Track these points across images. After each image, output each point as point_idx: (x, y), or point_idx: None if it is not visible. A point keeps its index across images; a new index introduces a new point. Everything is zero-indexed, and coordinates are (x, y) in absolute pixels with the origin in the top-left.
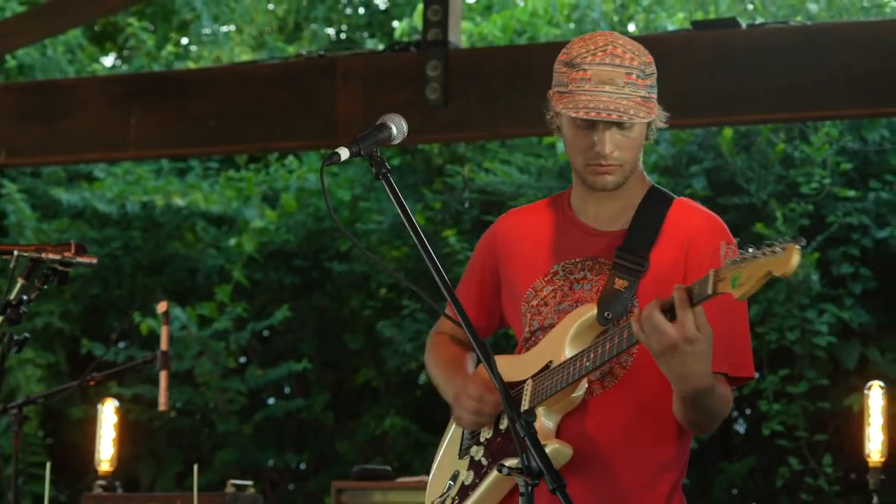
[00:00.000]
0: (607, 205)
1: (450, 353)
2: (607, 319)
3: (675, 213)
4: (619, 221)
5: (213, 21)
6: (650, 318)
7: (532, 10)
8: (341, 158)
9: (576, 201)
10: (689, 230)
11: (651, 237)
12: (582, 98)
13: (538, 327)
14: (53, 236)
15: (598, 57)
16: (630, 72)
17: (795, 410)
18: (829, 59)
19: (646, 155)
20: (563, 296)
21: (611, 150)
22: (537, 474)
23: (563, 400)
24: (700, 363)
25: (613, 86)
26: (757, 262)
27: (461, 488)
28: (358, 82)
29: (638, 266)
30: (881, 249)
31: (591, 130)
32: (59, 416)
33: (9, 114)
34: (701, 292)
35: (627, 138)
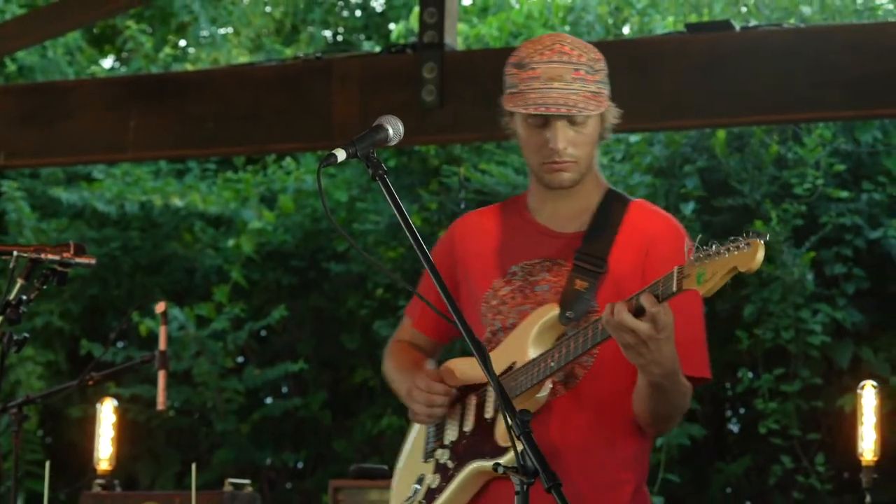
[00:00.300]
0: (564, 206)
1: (408, 358)
2: (569, 319)
3: (632, 216)
4: (576, 223)
5: (210, 23)
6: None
7: (528, 12)
8: (338, 160)
9: (533, 202)
10: (647, 233)
11: (610, 239)
12: (532, 96)
13: (500, 327)
14: (53, 236)
15: (546, 55)
16: (578, 68)
17: (789, 409)
18: (822, 61)
19: (640, 156)
20: (524, 297)
21: (564, 145)
22: (532, 473)
23: (529, 401)
24: (669, 344)
25: (562, 81)
26: (722, 259)
27: (428, 492)
28: (354, 84)
29: (597, 268)
30: (874, 250)
31: (544, 128)
32: (59, 415)
33: (8, 116)
34: (666, 290)
35: (580, 134)
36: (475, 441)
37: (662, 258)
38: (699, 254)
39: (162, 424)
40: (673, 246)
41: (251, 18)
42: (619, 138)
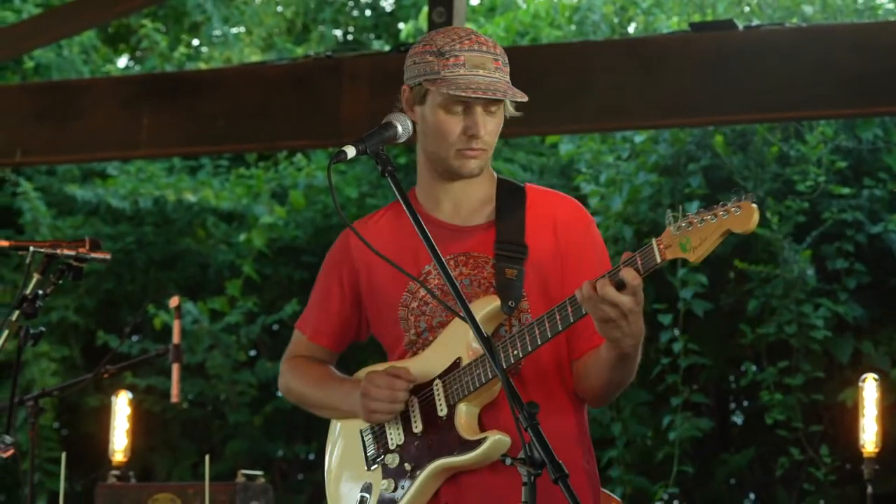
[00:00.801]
0: (465, 199)
1: (316, 371)
2: (511, 308)
3: (533, 200)
4: (480, 214)
5: (223, 23)
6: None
7: (534, 12)
8: (348, 156)
9: (427, 200)
10: (552, 214)
11: (520, 224)
12: (460, 81)
13: (425, 328)
14: (68, 232)
15: (467, 44)
16: (497, 58)
17: (792, 402)
18: (824, 60)
19: (646, 155)
20: (444, 294)
21: (483, 132)
22: (540, 465)
23: (485, 393)
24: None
25: (486, 70)
26: (710, 224)
27: (381, 499)
28: (364, 82)
29: (520, 254)
30: (875, 245)
31: (464, 115)
32: (75, 407)
33: (24, 114)
34: (647, 262)
35: (493, 122)
36: (432, 440)
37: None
38: (679, 223)
39: (176, 416)
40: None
41: (263, 18)
42: (624, 137)
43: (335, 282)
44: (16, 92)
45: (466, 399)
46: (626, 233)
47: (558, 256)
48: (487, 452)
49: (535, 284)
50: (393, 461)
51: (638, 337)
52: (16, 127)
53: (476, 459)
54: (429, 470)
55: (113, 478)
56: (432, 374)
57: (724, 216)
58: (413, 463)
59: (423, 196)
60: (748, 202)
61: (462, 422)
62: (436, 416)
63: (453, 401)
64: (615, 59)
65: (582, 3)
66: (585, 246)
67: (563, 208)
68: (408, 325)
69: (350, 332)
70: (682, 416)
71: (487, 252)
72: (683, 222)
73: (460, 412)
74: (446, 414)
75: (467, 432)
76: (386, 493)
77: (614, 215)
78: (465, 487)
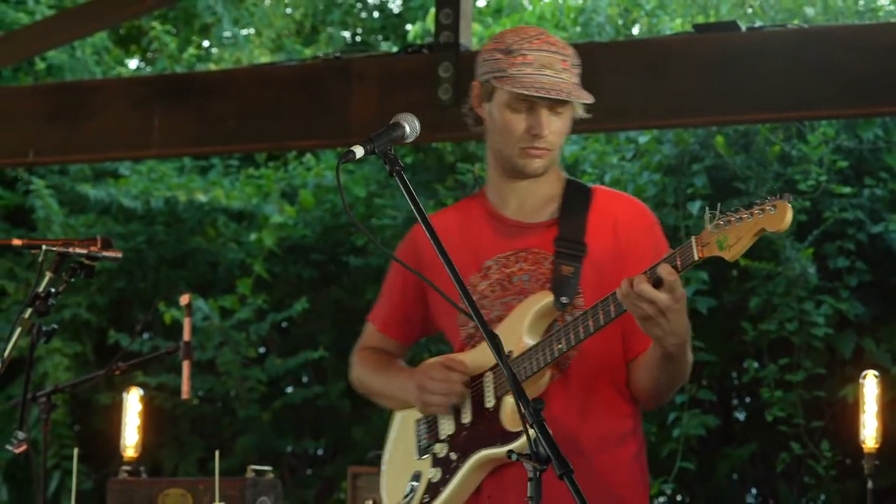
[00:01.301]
0: (531, 196)
1: (380, 361)
2: (564, 305)
3: (598, 200)
4: (545, 212)
5: (233, 24)
6: (642, 291)
7: (540, 13)
8: (356, 156)
9: (495, 197)
10: (615, 214)
11: (582, 223)
12: (526, 80)
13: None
14: (80, 231)
15: (536, 44)
16: (565, 59)
17: (794, 398)
18: (826, 61)
19: (650, 155)
20: (504, 289)
21: (547, 131)
22: (545, 460)
23: (531, 388)
24: (685, 315)
25: (553, 70)
26: (746, 223)
27: (429, 486)
28: (372, 83)
29: (578, 251)
30: (876, 244)
31: (529, 113)
32: (87, 403)
33: (37, 114)
34: (686, 259)
35: (559, 122)
36: (478, 430)
37: (632, 240)
38: (717, 221)
39: (186, 412)
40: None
41: (272, 19)
42: (628, 137)
43: (400, 276)
44: (29, 93)
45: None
46: None
47: (618, 256)
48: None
49: (591, 282)
50: (442, 450)
51: (681, 335)
52: (29, 127)
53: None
54: (472, 460)
55: (124, 473)
56: (485, 367)
57: (760, 215)
58: (459, 453)
59: (492, 193)
60: (784, 201)
61: (507, 413)
62: (483, 408)
63: (500, 393)
64: (620, 61)
65: (587, 4)
66: (646, 246)
67: (626, 208)
68: (464, 320)
69: (417, 326)
70: (689, 413)
71: (547, 249)
72: (721, 220)
73: (506, 404)
74: (493, 405)
75: (510, 424)
76: (433, 481)
77: None
78: (507, 481)
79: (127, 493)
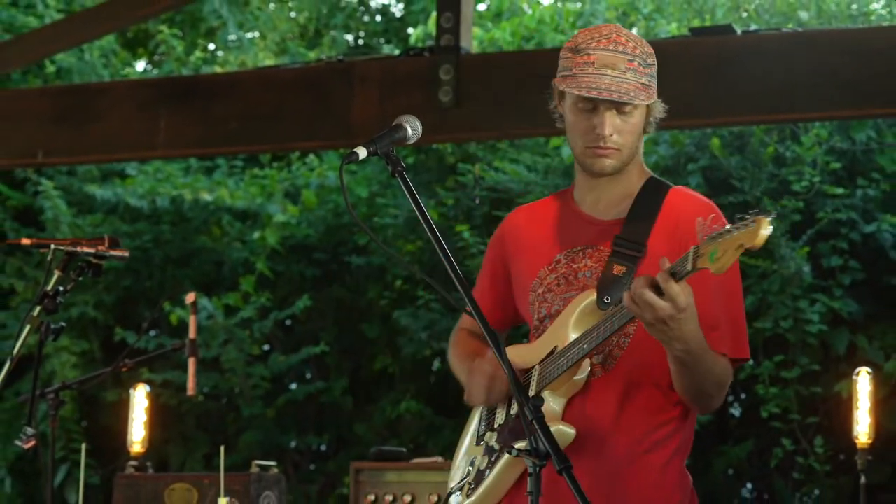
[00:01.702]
0: (606, 193)
1: (470, 347)
2: (607, 304)
3: (671, 201)
4: (617, 209)
5: (238, 28)
6: (642, 296)
7: (539, 17)
8: (359, 157)
9: (578, 193)
10: (679, 215)
11: (648, 224)
12: (585, 80)
13: (546, 315)
14: (88, 231)
15: (602, 44)
16: (632, 59)
17: (789, 395)
18: (820, 64)
19: (647, 156)
20: (567, 284)
21: (610, 131)
22: (544, 456)
23: (568, 383)
24: (691, 323)
25: (615, 70)
26: (731, 237)
27: (477, 473)
28: (375, 86)
29: (635, 252)
30: (868, 243)
31: (592, 113)
32: (94, 400)
33: (45, 116)
34: (682, 270)
35: (627, 123)
36: (519, 423)
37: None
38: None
39: (192, 409)
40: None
41: (276, 23)
42: None
43: (490, 263)
44: (38, 95)
45: (551, 386)
46: None
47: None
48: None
49: None
50: (491, 439)
51: (688, 343)
52: (37, 129)
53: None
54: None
55: (131, 468)
56: (535, 360)
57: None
58: (501, 443)
59: (576, 190)
60: (763, 217)
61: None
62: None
63: (541, 387)
64: None
65: (585, 8)
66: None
67: (691, 208)
68: (534, 310)
69: (508, 312)
70: None
71: (609, 246)
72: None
73: (546, 399)
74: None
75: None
76: (480, 468)
77: None
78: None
79: (133, 488)
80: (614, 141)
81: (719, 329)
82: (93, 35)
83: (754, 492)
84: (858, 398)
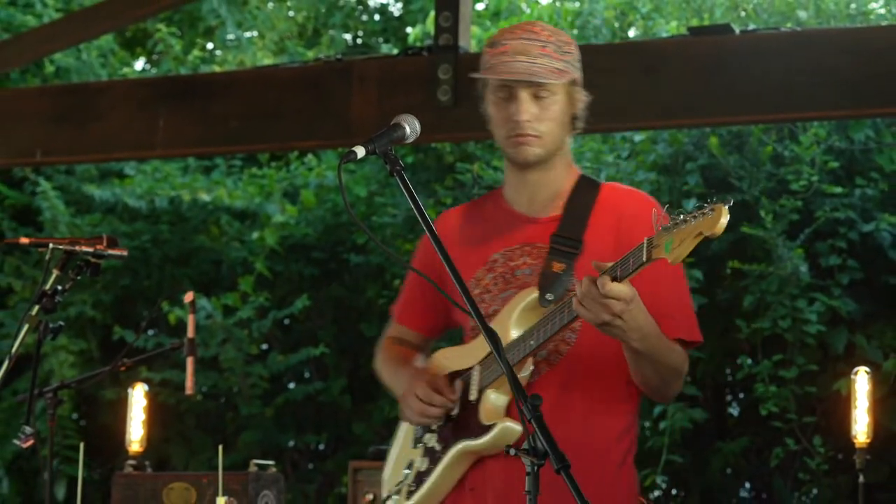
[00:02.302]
0: (538, 192)
1: (396, 352)
2: (549, 301)
3: (604, 196)
4: (551, 208)
5: (236, 27)
6: (588, 294)
7: (538, 16)
8: (358, 156)
9: (508, 191)
10: (618, 209)
11: (583, 220)
12: (499, 68)
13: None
14: (86, 230)
15: (517, 34)
16: (545, 45)
17: (786, 394)
18: (818, 63)
19: (645, 155)
20: (506, 282)
21: (527, 117)
22: (543, 455)
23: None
24: (641, 312)
25: (528, 56)
26: (688, 226)
27: (417, 475)
28: (373, 85)
29: (573, 249)
30: (867, 242)
31: (510, 102)
32: (92, 399)
33: (44, 115)
34: (636, 261)
35: (545, 110)
36: (461, 423)
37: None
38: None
39: (190, 408)
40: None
41: (275, 22)
42: (624, 137)
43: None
44: (36, 94)
45: (494, 385)
46: None
47: (618, 254)
48: (496, 439)
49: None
50: (430, 440)
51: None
52: (36, 128)
53: (486, 444)
54: (453, 452)
55: (129, 467)
56: (474, 361)
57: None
58: (444, 444)
59: (507, 190)
60: (721, 205)
61: (486, 407)
62: (468, 400)
63: (483, 385)
64: (616, 62)
65: (584, 7)
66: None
67: (631, 204)
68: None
69: (438, 317)
70: (675, 406)
71: (547, 244)
72: (671, 223)
73: (487, 398)
74: (476, 399)
75: (486, 417)
76: (420, 470)
77: None
78: (490, 473)
79: (132, 487)
80: (534, 128)
81: (673, 316)
82: (91, 34)
83: (752, 491)
84: (857, 397)
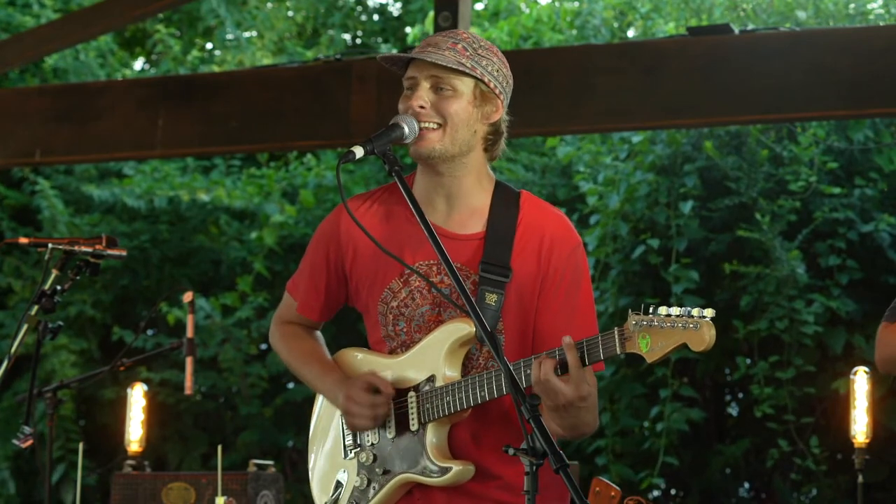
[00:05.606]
0: (457, 202)
1: (303, 346)
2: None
3: (526, 214)
4: (472, 223)
5: (236, 27)
6: (547, 383)
7: (537, 16)
8: (356, 156)
9: (419, 193)
10: (544, 235)
11: (509, 242)
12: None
13: (405, 329)
14: (85, 230)
15: (437, 35)
16: (458, 42)
17: (783, 395)
18: (817, 63)
19: (643, 155)
20: (423, 297)
21: (420, 102)
22: (541, 454)
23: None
24: (590, 413)
25: (435, 47)
26: (673, 332)
27: (353, 492)
28: (372, 84)
29: (502, 277)
30: (866, 242)
31: (413, 92)
32: (92, 399)
33: (44, 115)
34: (608, 350)
35: (446, 101)
36: (404, 450)
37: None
38: (643, 320)
39: (189, 408)
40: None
41: (274, 22)
42: (622, 137)
43: (322, 256)
44: (35, 94)
45: (436, 423)
46: (622, 229)
47: (538, 277)
48: (452, 481)
49: (513, 309)
50: (367, 459)
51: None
52: (35, 128)
53: (441, 484)
54: (399, 479)
55: (129, 467)
56: (409, 384)
57: (684, 329)
58: (385, 467)
59: (417, 188)
60: (708, 321)
61: (432, 442)
62: (408, 429)
63: (425, 420)
64: (615, 63)
65: (583, 8)
66: (565, 271)
67: (554, 228)
68: (387, 321)
69: (337, 305)
70: (672, 406)
71: (472, 268)
72: (645, 321)
73: (430, 432)
74: (417, 430)
75: (436, 457)
76: (358, 488)
77: (612, 213)
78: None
79: (131, 487)
80: (429, 115)
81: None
82: (90, 34)
83: (752, 491)
84: (856, 397)
